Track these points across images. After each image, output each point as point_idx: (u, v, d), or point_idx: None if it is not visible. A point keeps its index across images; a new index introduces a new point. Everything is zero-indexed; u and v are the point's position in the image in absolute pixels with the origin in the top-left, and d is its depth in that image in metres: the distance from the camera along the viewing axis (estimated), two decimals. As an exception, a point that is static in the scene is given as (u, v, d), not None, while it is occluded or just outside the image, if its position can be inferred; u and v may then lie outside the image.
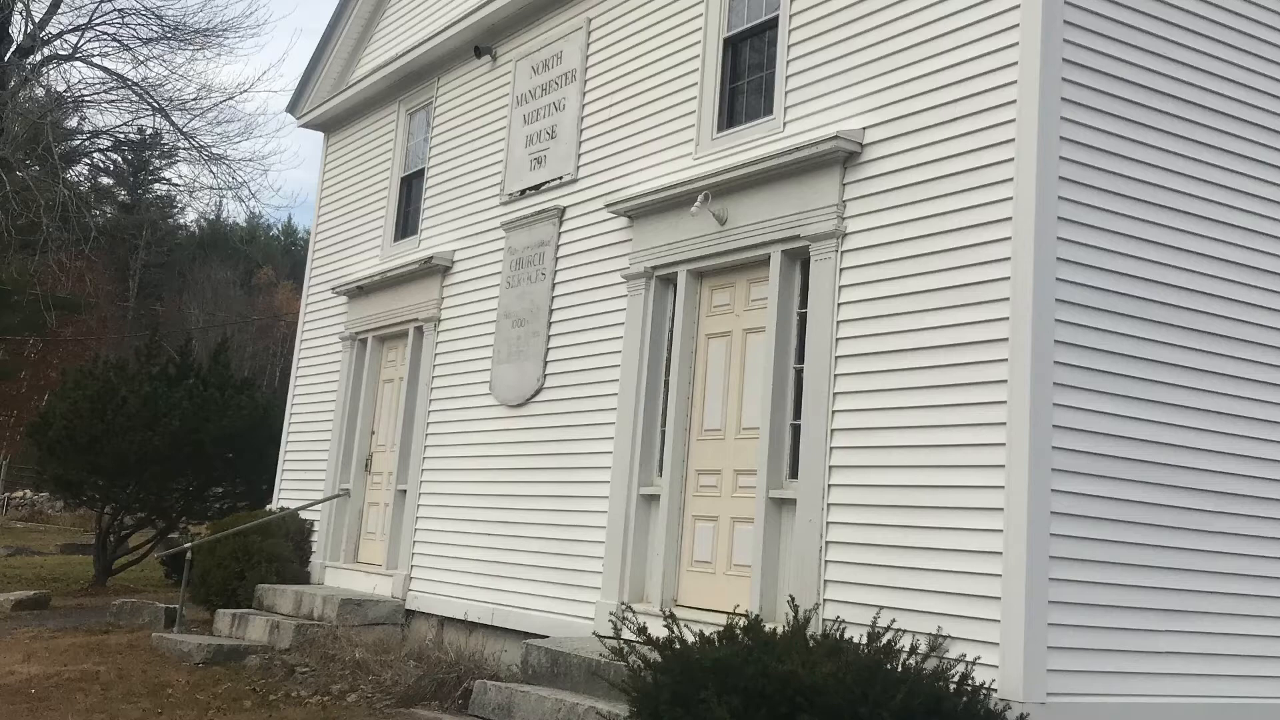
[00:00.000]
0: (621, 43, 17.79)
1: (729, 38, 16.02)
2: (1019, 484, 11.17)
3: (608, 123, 17.75)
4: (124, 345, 59.13)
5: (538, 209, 18.79)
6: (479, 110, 21.13)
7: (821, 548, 12.98)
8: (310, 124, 27.00)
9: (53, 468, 30.30)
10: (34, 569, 33.86)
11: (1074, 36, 11.91)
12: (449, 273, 20.94)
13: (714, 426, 15.18)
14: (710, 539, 14.90)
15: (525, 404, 18.26)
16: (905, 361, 12.49)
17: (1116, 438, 11.78)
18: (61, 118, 45.04)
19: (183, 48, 44.67)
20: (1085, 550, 11.46)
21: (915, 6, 13.12)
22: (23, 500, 60.93)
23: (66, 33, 43.04)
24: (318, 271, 26.05)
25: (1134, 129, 12.25)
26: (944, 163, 12.42)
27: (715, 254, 15.22)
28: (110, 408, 28.17)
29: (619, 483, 16.01)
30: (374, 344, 23.25)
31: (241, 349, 78.71)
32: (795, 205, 14.02)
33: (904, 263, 12.67)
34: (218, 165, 45.54)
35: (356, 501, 22.77)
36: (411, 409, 21.35)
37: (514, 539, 17.83)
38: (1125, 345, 11.91)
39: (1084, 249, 11.71)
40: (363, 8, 25.91)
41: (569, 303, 17.77)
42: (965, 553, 11.54)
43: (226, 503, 30.46)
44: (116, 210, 78.48)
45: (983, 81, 12.16)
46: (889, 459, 12.52)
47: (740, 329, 15.04)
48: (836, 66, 14.04)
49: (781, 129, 14.64)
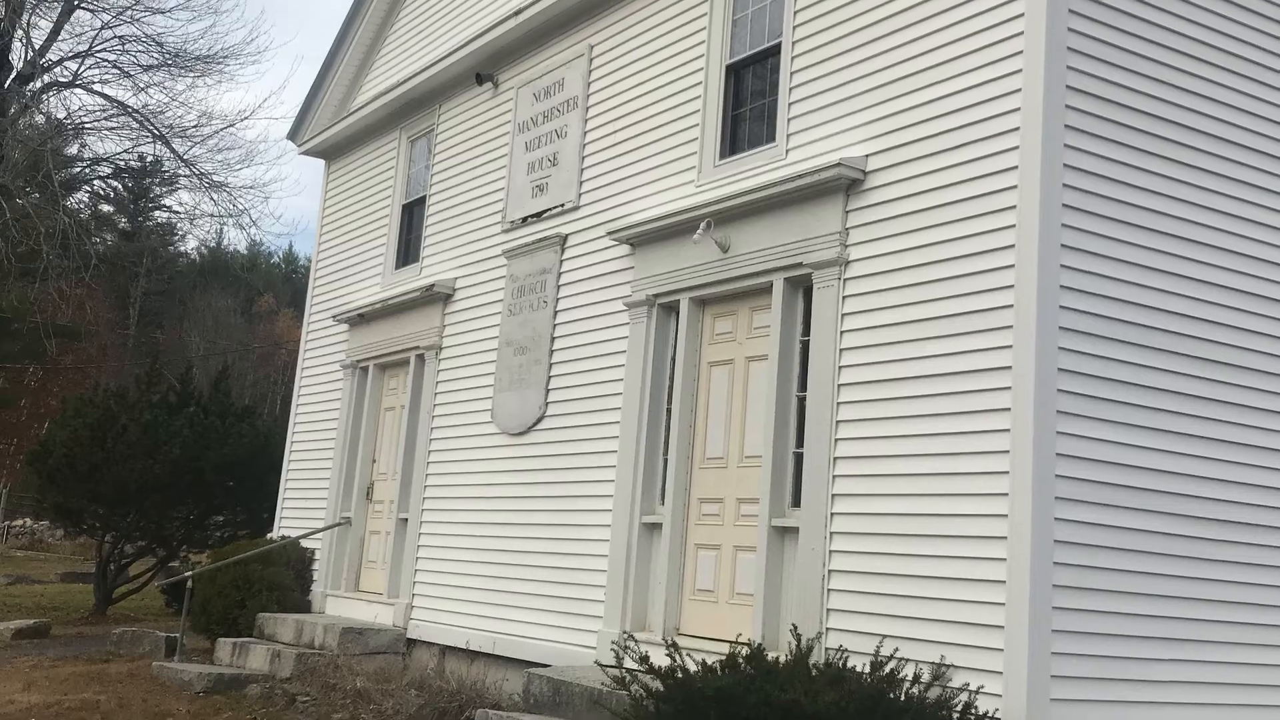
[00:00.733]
0: (623, 69, 17.79)
1: (731, 64, 16.02)
2: (1022, 512, 11.13)
3: (610, 150, 17.74)
4: (124, 373, 59.09)
5: (539, 236, 18.77)
6: (480, 137, 21.13)
7: (824, 576, 12.94)
8: (311, 151, 27.02)
9: (53, 496, 30.23)
10: (34, 597, 33.81)
11: (1078, 64, 11.89)
12: (450, 300, 20.92)
13: (716, 454, 15.14)
14: (712, 567, 14.86)
15: (527, 432, 18.23)
16: (908, 390, 12.46)
17: (1121, 466, 11.74)
18: (62, 145, 45.08)
19: (183, 75, 44.66)
20: (1089, 579, 11.41)
21: (919, 34, 13.11)
22: (23, 528, 60.82)
23: (67, 59, 43.17)
24: (319, 299, 26.03)
25: (1138, 156, 12.23)
26: (947, 190, 12.40)
27: (717, 282, 15.20)
28: (110, 436, 28.13)
29: (621, 511, 15.98)
30: (375, 372, 23.22)
31: (242, 377, 78.77)
32: (798, 233, 14.00)
33: (907, 290, 12.65)
34: (218, 192, 45.61)
35: (358, 530, 22.73)
36: (413, 437, 21.32)
37: (516, 567, 17.80)
38: (1130, 373, 11.88)
39: (1088, 277, 11.69)
40: (364, 35, 25.94)
41: (571, 330, 17.75)
42: (968, 581, 11.50)
43: (227, 531, 30.39)
44: (117, 238, 78.45)
45: (986, 109, 12.14)
46: (892, 487, 12.48)
47: (743, 357, 15.01)
48: (839, 94, 14.03)
49: (784, 156, 14.63)
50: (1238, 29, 13.21)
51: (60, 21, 42.16)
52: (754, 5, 15.87)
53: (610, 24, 18.22)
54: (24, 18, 41.14)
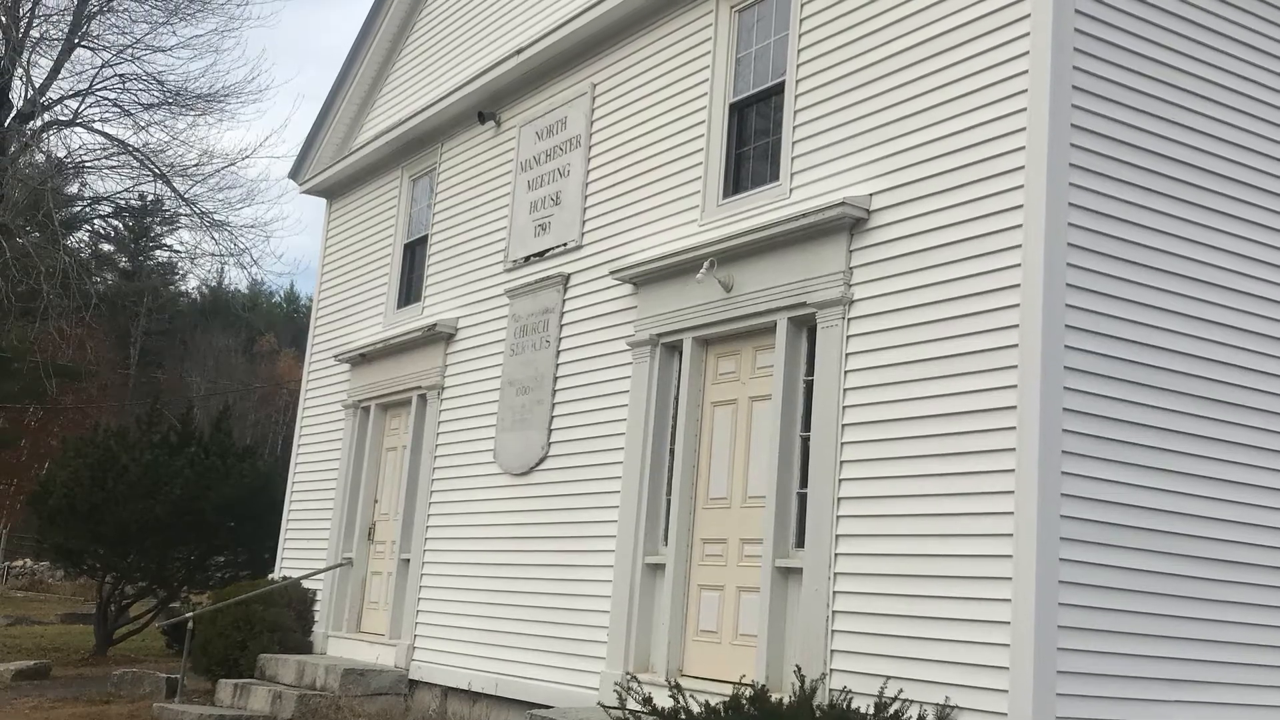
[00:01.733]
0: (626, 108, 17.78)
1: (735, 103, 16.01)
2: (1027, 553, 11.09)
3: (613, 188, 17.72)
4: (125, 413, 58.96)
5: (542, 276, 18.74)
6: (483, 176, 21.12)
7: (828, 617, 12.89)
8: (313, 190, 27.01)
9: (53, 536, 30.20)
10: (34, 638, 33.71)
11: (1083, 102, 11.87)
12: (452, 340, 20.90)
13: (719, 495, 15.10)
14: (716, 608, 14.80)
15: (529, 472, 18.18)
16: (913, 430, 12.43)
17: (1126, 506, 11.70)
18: (62, 184, 45.04)
19: (184, 113, 44.63)
20: (1094, 620, 11.36)
21: (923, 72, 13.09)
22: (23, 569, 60.75)
23: (67, 98, 43.18)
24: (320, 339, 26.01)
25: (1144, 195, 12.20)
26: (952, 229, 12.38)
27: (721, 321, 15.17)
28: (111, 476, 28.09)
29: (624, 551, 15.91)
30: (377, 412, 23.18)
31: (243, 417, 78.73)
32: (801, 272, 13.98)
33: (911, 330, 12.62)
34: (219, 232, 45.54)
35: (359, 570, 22.65)
36: (415, 477, 21.26)
37: (518, 608, 17.73)
38: (1136, 414, 11.84)
39: (1093, 316, 11.66)
40: (366, 74, 25.96)
41: (573, 370, 17.71)
42: (973, 622, 11.46)
43: (228, 571, 30.30)
44: (117, 277, 78.55)
45: (991, 148, 12.12)
46: (896, 528, 12.43)
47: (746, 397, 14.98)
48: (843, 132, 14.01)
49: (788, 195, 14.60)
50: (1244, 67, 13.20)
51: (60, 60, 42.21)
52: (757, 44, 15.87)
53: (613, 62, 18.23)
54: (24, 56, 41.25)
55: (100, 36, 42.82)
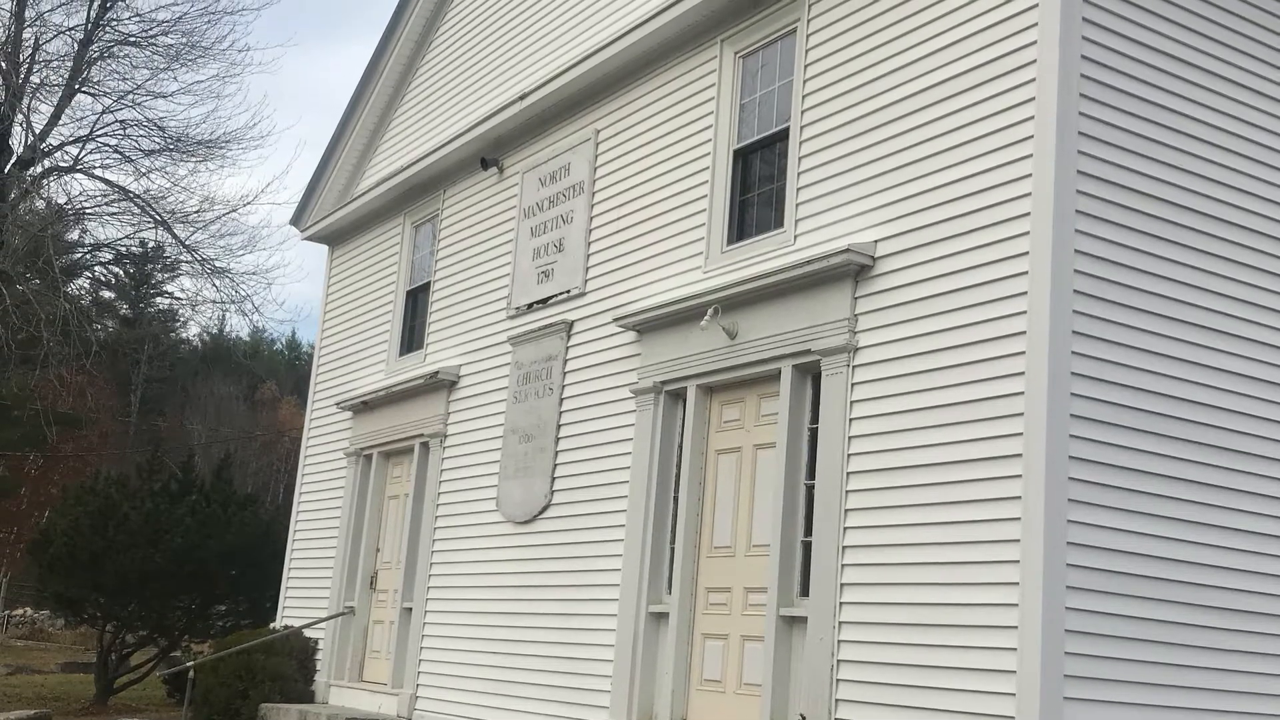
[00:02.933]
0: (630, 154, 17.76)
1: (739, 149, 15.99)
2: (1033, 602, 11.03)
3: (616, 235, 17.70)
4: (125, 461, 58.85)
5: (545, 323, 18.70)
6: (485, 222, 21.10)
7: (833, 666, 12.83)
8: (314, 237, 27.01)
9: (53, 585, 30.11)
10: (34, 687, 33.55)
11: (1090, 149, 11.85)
12: (455, 387, 20.85)
13: (724, 543, 15.03)
14: (720, 657, 14.73)
15: (532, 520, 18.11)
16: (918, 478, 12.37)
17: (1134, 555, 11.63)
18: (62, 230, 44.98)
19: (185, 160, 44.47)
20: (1101, 669, 11.29)
21: (929, 118, 13.07)
22: (23, 618, 60.53)
23: (67, 144, 43.11)
24: (322, 386, 25.97)
25: (1152, 243, 12.16)
26: (957, 276, 12.34)
27: (725, 368, 15.13)
28: (112, 524, 28.02)
29: (628, 600, 15.84)
30: (379, 459, 23.12)
31: (245, 465, 78.62)
32: (806, 319, 13.93)
33: (917, 377, 12.58)
34: (221, 279, 45.37)
35: (361, 619, 22.57)
36: (417, 525, 21.18)
37: (521, 657, 17.65)
38: (1143, 462, 11.78)
39: (1100, 364, 11.61)
40: (367, 120, 25.98)
41: (577, 418, 17.66)
42: (978, 671, 11.41)
43: (230, 620, 30.23)
44: (118, 324, 78.45)
45: (997, 194, 12.09)
46: (901, 576, 12.37)
47: (750, 444, 14.92)
48: (849, 179, 13.98)
49: (792, 242, 14.57)
50: (1252, 113, 13.18)
51: (61, 106, 42.19)
52: (762, 90, 15.85)
53: (617, 108, 18.22)
54: (24, 102, 41.18)
55: (101, 82, 42.85)
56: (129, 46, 42.94)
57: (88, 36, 41.81)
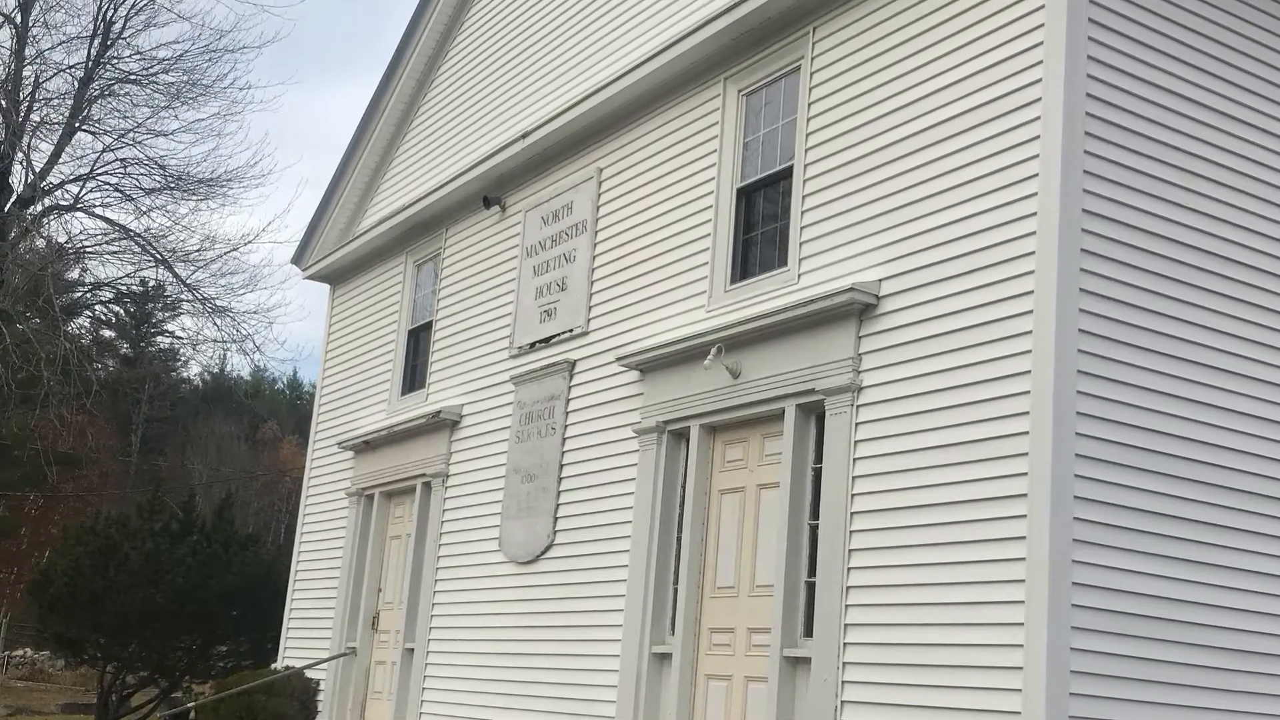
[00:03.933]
0: (633, 193, 17.74)
1: (742, 188, 15.96)
2: (1038, 642, 10.99)
3: (619, 274, 17.67)
4: (126, 501, 58.80)
5: (547, 362, 18.66)
6: (488, 261, 21.08)
7: (837, 707, 12.77)
8: (316, 276, 27.00)
9: (54, 625, 30.09)
10: (34, 728, 33.55)
11: (1093, 187, 11.82)
12: (457, 427, 20.81)
13: (727, 584, 14.96)
14: (723, 698, 14.66)
15: (535, 560, 18.05)
16: (922, 518, 12.32)
17: (1139, 595, 11.58)
18: (63, 269, 44.91)
19: (186, 198, 44.40)
20: (1106, 710, 11.24)
21: (934, 156, 13.05)
22: (23, 659, 60.38)
23: (68, 183, 42.98)
24: (323, 426, 25.93)
25: (1157, 281, 12.13)
26: (962, 315, 12.31)
27: (728, 408, 15.08)
28: (112, 564, 28.01)
29: (630, 641, 15.77)
30: (381, 499, 23.06)
31: (246, 505, 78.47)
32: (810, 358, 13.89)
33: (921, 417, 12.54)
34: (222, 318, 45.26)
35: (363, 660, 22.49)
36: (419, 565, 21.11)
37: (524, 698, 17.58)
38: (1148, 502, 11.73)
39: (1105, 403, 11.57)
40: (369, 159, 25.98)
41: (579, 458, 17.61)
42: (984, 712, 11.36)
43: (231, 661, 30.20)
44: (118, 363, 78.30)
45: (1001, 232, 12.06)
46: (906, 617, 12.32)
47: (754, 484, 14.87)
48: (853, 217, 13.95)
49: (796, 280, 14.53)
50: (1260, 153, 13.15)
51: (61, 144, 42.13)
52: (765, 128, 15.84)
53: (619, 146, 18.21)
54: (24, 140, 41.18)
55: (101, 121, 42.80)
56: (130, 84, 42.99)
57: (88, 74, 41.84)
